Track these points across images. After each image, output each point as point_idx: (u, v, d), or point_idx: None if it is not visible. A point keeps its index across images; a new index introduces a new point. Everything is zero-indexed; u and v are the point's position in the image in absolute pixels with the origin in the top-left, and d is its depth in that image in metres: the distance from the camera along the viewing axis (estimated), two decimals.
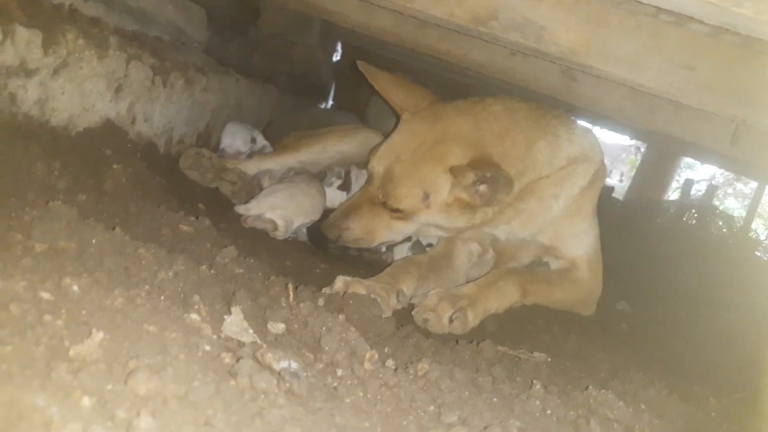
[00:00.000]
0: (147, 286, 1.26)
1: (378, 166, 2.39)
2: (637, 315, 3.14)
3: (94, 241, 1.29)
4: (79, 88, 1.84)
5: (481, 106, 2.40)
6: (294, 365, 1.13)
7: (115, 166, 1.82)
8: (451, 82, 5.09)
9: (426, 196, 2.29)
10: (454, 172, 2.22)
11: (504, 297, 2.27)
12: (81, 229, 1.31)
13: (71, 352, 0.86)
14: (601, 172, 2.67)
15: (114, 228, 1.42)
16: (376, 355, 1.31)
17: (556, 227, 2.55)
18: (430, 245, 2.71)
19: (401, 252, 2.66)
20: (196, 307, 1.26)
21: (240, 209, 2.57)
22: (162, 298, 1.25)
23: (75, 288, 1.04)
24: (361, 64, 2.67)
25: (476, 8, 2.10)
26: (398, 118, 2.57)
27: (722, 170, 8.08)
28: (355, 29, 3.17)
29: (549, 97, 3.38)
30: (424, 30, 2.91)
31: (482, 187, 2.24)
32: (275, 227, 2.57)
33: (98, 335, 0.89)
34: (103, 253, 1.28)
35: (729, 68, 2.07)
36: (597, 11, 2.09)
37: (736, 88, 2.08)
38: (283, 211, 2.58)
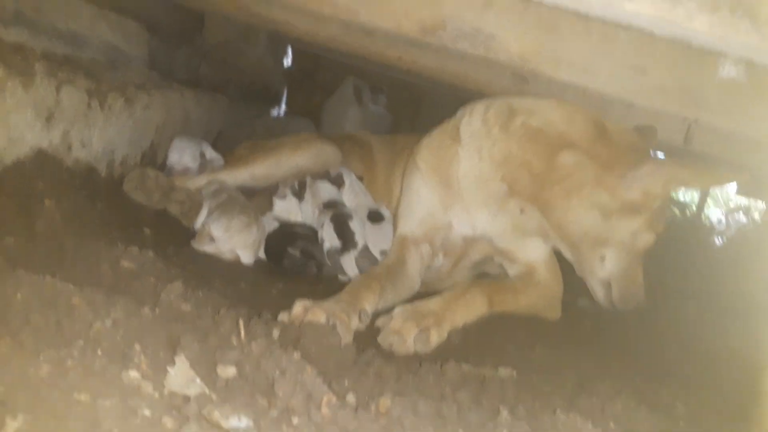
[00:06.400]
0: (81, 342, 1.16)
1: None
2: (598, 310, 3.13)
3: (19, 295, 1.18)
4: (4, 121, 1.72)
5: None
6: (244, 421, 1.05)
7: (47, 202, 1.70)
8: (405, 84, 5.05)
9: None
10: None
11: (471, 310, 2.23)
12: (5, 283, 1.20)
13: None
14: None
15: (44, 276, 1.31)
16: (334, 399, 1.24)
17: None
18: (384, 252, 2.65)
19: (350, 262, 2.59)
20: (136, 360, 1.17)
21: (208, 249, 2.47)
22: (98, 353, 1.15)
23: None
24: None
25: (424, 19, 2.04)
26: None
27: None
28: (302, 38, 3.08)
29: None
30: (372, 38, 2.84)
31: None
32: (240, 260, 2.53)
33: (14, 423, 0.80)
34: (30, 308, 1.18)
35: (680, 70, 2.05)
36: (546, 17, 2.05)
37: (688, 90, 2.07)
38: (252, 247, 2.54)
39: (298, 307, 1.83)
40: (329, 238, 2.63)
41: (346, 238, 2.61)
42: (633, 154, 2.30)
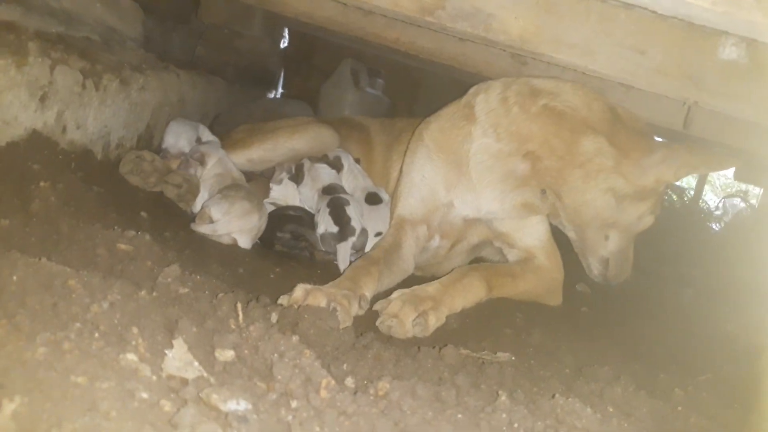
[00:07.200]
0: (78, 324, 1.15)
1: None
2: (596, 296, 3.14)
3: (15, 277, 1.17)
4: None
5: None
6: (242, 405, 1.04)
7: (42, 183, 1.68)
8: (403, 68, 5.01)
9: None
10: None
11: (470, 294, 2.23)
12: (0, 266, 1.18)
13: None
14: None
15: (40, 258, 1.30)
16: (333, 382, 1.23)
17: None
18: (380, 234, 2.64)
19: (345, 248, 2.58)
20: (134, 342, 1.16)
21: (206, 230, 2.45)
22: (95, 335, 1.14)
23: None
24: None
25: None
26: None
27: None
28: (299, 18, 3.05)
29: None
30: (370, 18, 2.82)
31: None
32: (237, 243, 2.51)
33: (11, 404, 0.79)
34: (26, 291, 1.16)
35: (680, 51, 2.04)
36: None
37: (688, 71, 2.06)
38: (250, 233, 2.52)
39: (299, 290, 1.82)
40: (325, 223, 2.61)
41: (343, 225, 2.59)
42: (645, 141, 2.34)
